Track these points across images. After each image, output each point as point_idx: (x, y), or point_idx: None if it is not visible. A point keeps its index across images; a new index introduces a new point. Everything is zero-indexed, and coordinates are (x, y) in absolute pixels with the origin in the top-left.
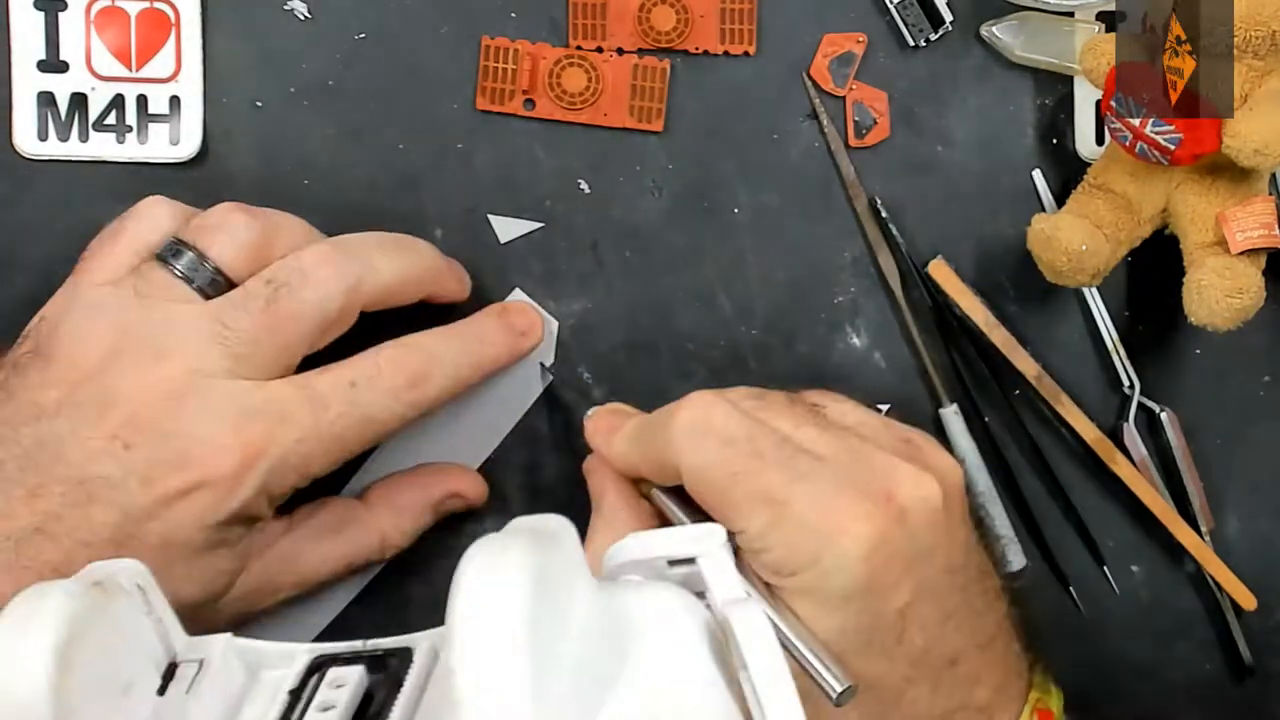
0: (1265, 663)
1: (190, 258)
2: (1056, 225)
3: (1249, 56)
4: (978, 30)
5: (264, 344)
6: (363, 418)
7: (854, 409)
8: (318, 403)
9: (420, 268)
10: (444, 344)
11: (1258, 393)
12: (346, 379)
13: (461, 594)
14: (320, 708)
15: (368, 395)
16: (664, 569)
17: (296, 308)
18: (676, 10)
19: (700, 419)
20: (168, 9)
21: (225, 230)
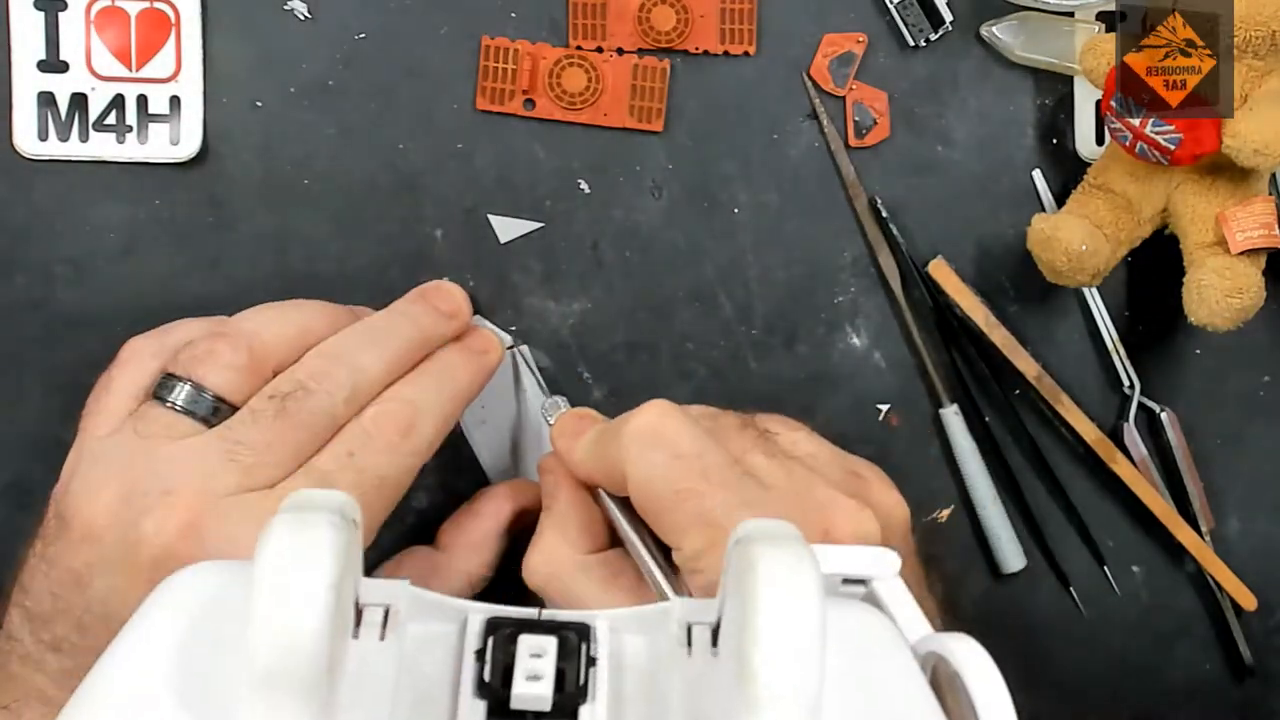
0: (1265, 663)
1: (188, 391)
2: (1056, 225)
3: (1249, 56)
4: (978, 30)
5: (277, 451)
6: (374, 481)
7: (806, 438)
8: (326, 481)
9: (407, 346)
10: (418, 387)
11: (1258, 393)
12: (344, 451)
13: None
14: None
15: (369, 459)
16: (838, 585)
17: (306, 416)
18: (676, 10)
19: (652, 428)
20: (168, 9)
21: (214, 356)
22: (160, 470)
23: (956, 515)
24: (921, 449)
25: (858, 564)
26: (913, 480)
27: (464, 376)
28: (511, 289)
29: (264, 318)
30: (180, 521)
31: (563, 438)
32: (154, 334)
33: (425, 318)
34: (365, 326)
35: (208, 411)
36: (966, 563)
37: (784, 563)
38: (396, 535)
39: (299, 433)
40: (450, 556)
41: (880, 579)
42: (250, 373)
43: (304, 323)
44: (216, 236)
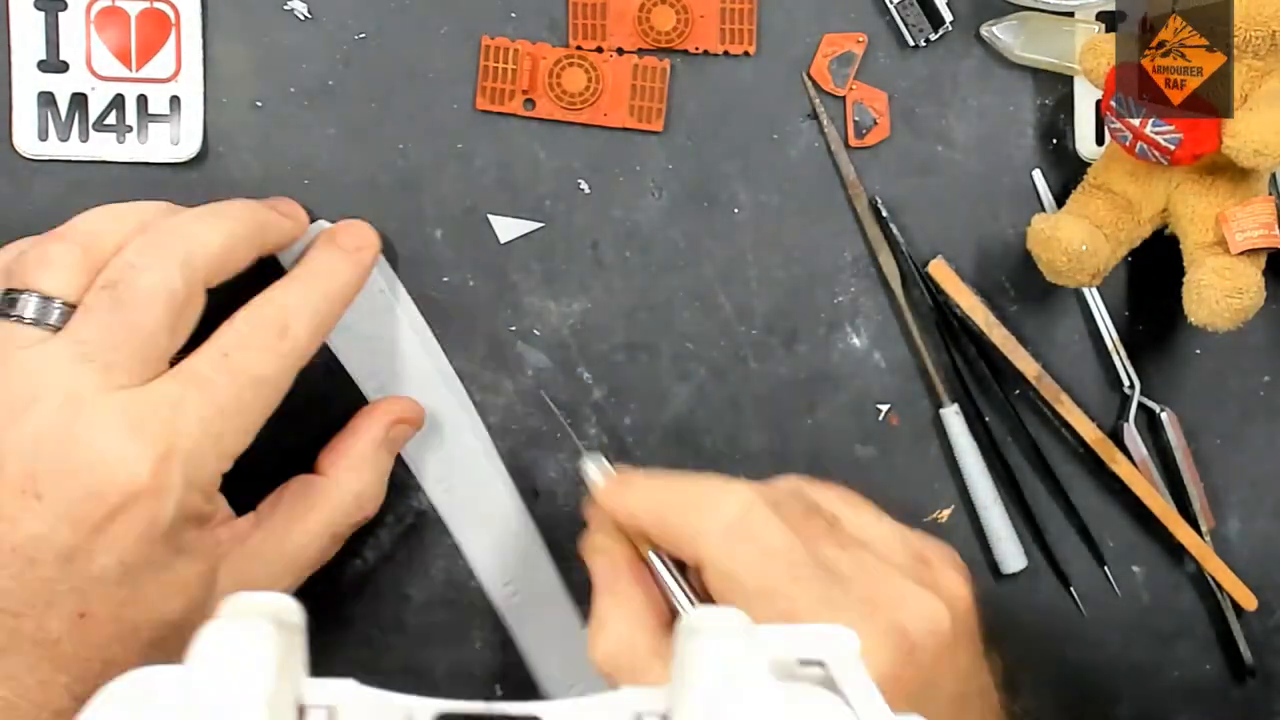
0: (1265, 663)
1: (35, 302)
2: (1056, 225)
3: (1249, 56)
4: (978, 30)
5: (126, 344)
6: (252, 380)
7: (873, 522)
8: (201, 382)
9: (245, 224)
10: (291, 289)
11: (1258, 393)
12: (218, 351)
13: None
14: None
15: (244, 358)
16: (795, 667)
17: (141, 297)
18: (676, 10)
19: (740, 522)
20: (168, 9)
21: (49, 260)
22: (17, 382)
23: (956, 515)
24: (921, 449)
25: (814, 645)
26: (913, 480)
27: (340, 277)
28: (511, 289)
29: (98, 213)
30: (48, 430)
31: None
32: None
33: (262, 211)
34: (200, 209)
35: (57, 319)
36: (966, 563)
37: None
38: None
39: (140, 315)
40: (333, 480)
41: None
42: (89, 270)
43: (141, 216)
44: None
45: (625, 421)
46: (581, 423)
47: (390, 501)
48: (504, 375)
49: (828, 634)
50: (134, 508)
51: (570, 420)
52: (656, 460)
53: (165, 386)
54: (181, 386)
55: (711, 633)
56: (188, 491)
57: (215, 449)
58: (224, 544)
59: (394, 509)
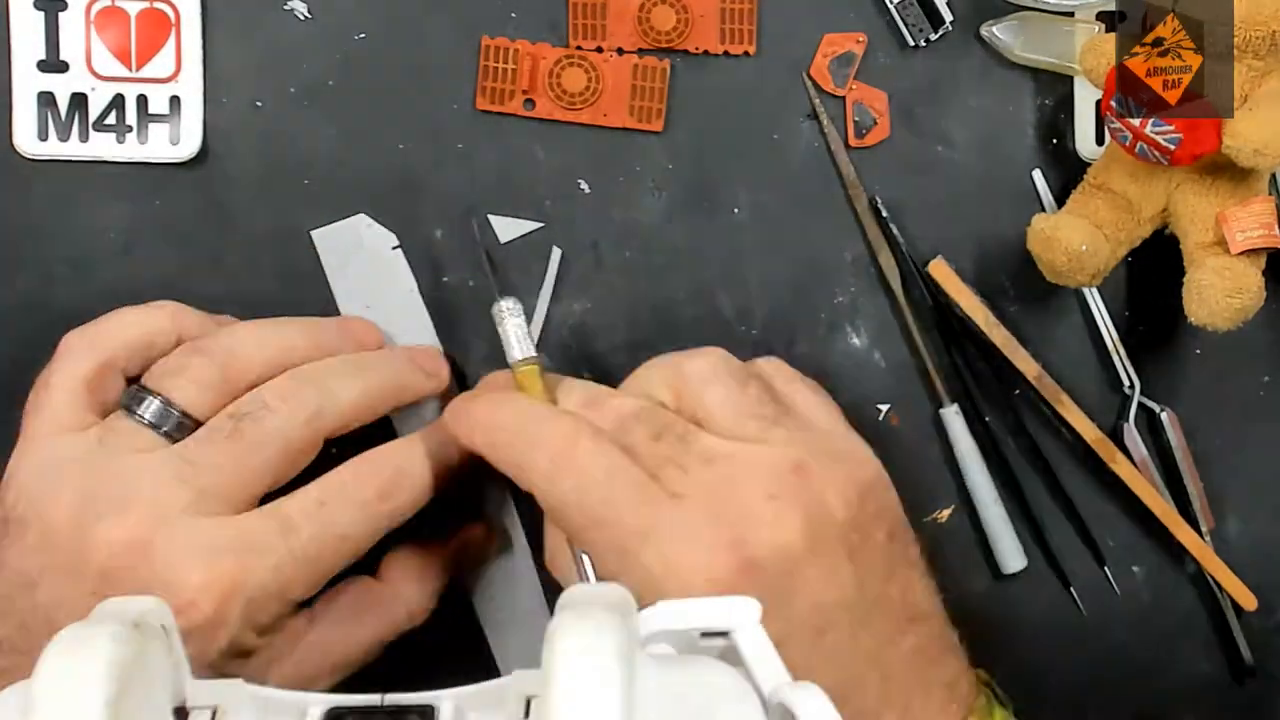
0: (1265, 663)
1: (157, 405)
2: (1056, 225)
3: (1249, 56)
4: (978, 30)
5: (228, 473)
6: (336, 536)
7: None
8: (288, 528)
9: (382, 385)
10: (410, 453)
11: (1258, 393)
12: (315, 499)
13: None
14: None
15: (338, 513)
16: (696, 640)
17: (260, 437)
18: (676, 10)
19: (563, 455)
20: (168, 9)
21: (186, 372)
22: (117, 481)
23: (956, 515)
24: (921, 449)
25: (714, 616)
26: (913, 480)
27: (456, 454)
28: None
29: (243, 334)
30: (129, 536)
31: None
32: (88, 326)
33: (405, 366)
34: (347, 357)
35: (174, 427)
36: (966, 563)
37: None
38: None
39: (253, 455)
40: (393, 588)
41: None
42: (221, 391)
43: (285, 343)
44: (216, 236)
45: None
46: None
47: None
48: None
49: (730, 605)
50: (186, 634)
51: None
52: None
53: (249, 524)
54: (265, 528)
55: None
56: (242, 631)
57: (280, 595)
58: (279, 647)
59: None
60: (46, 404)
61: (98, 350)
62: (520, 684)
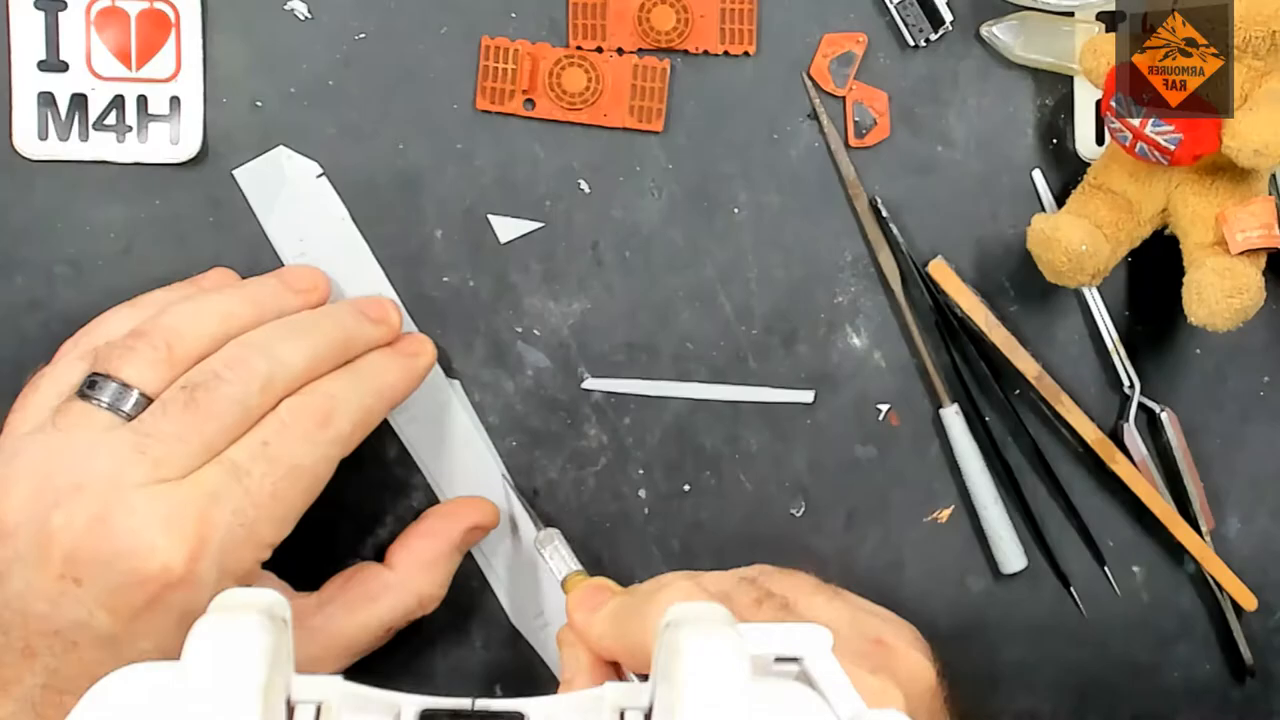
0: (1265, 663)
1: (114, 388)
2: (1056, 225)
3: (1249, 56)
4: (978, 30)
5: (184, 442)
6: (290, 470)
7: (824, 605)
8: (238, 472)
9: (330, 341)
10: (341, 381)
11: (1258, 393)
12: (258, 440)
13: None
14: None
15: (284, 448)
16: (770, 664)
17: (214, 405)
18: (676, 10)
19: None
20: (168, 9)
21: (134, 353)
22: (72, 465)
23: (956, 515)
24: (921, 449)
25: (789, 643)
26: (913, 480)
27: (390, 376)
28: (511, 289)
29: (186, 311)
30: (88, 515)
31: (579, 610)
32: (80, 333)
33: (351, 319)
34: (290, 320)
35: (132, 408)
36: (966, 563)
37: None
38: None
39: (209, 422)
40: (401, 575)
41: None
42: (172, 367)
43: (224, 310)
44: (216, 236)
45: (625, 421)
46: (581, 422)
47: (390, 501)
48: (504, 375)
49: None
50: (169, 597)
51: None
52: (657, 460)
53: (205, 476)
54: (219, 477)
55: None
56: (221, 582)
57: (250, 539)
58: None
59: (394, 509)
60: (29, 405)
61: (87, 359)
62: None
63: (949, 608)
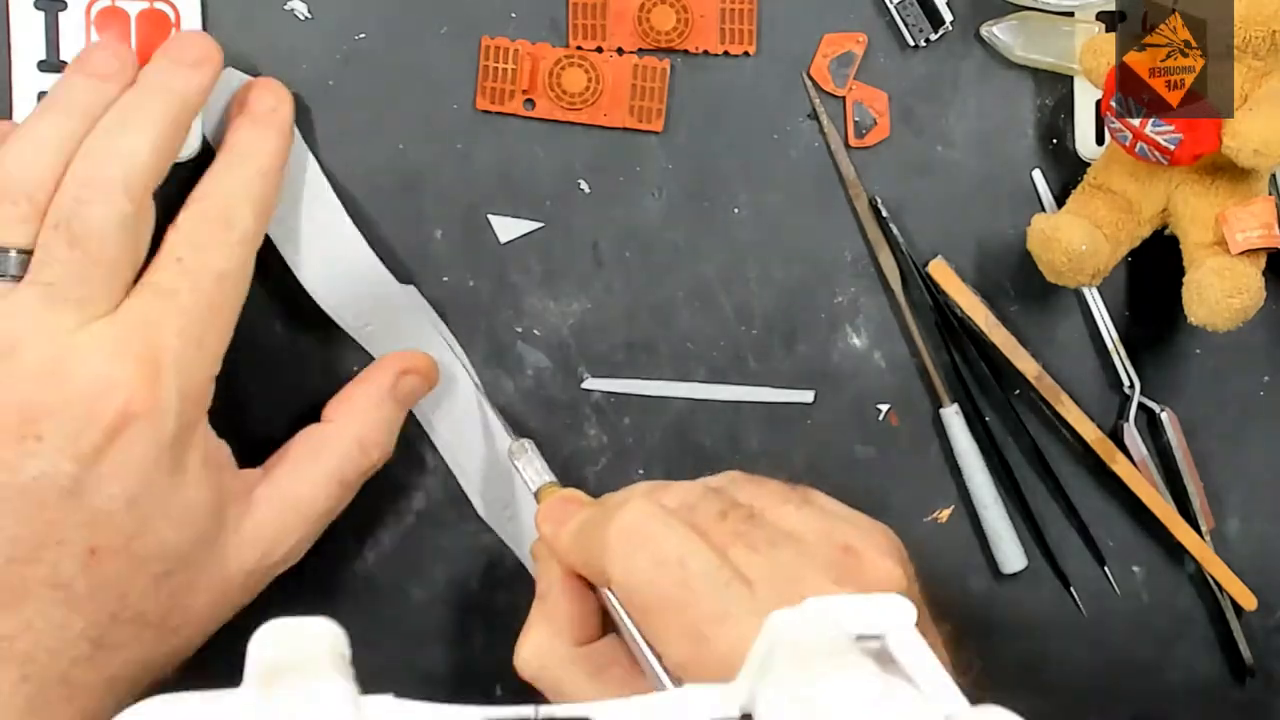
0: (1265, 663)
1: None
2: (1056, 225)
3: (1249, 56)
4: (978, 30)
5: (92, 277)
6: (214, 276)
7: (793, 513)
8: (164, 292)
9: (166, 112)
10: (224, 177)
11: (1258, 393)
12: (172, 258)
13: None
14: None
15: (200, 257)
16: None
17: (94, 229)
18: (676, 10)
19: (635, 530)
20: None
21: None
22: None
23: (956, 515)
24: (921, 449)
25: (872, 618)
26: (913, 480)
27: (266, 148)
28: (511, 289)
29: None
30: (35, 370)
31: (547, 523)
32: None
33: (175, 79)
34: (116, 112)
35: (17, 268)
36: (966, 563)
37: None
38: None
39: (99, 247)
40: (337, 426)
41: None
42: (35, 214)
43: (58, 134)
44: None
45: (625, 421)
46: (581, 422)
47: (390, 501)
48: (504, 375)
49: (883, 604)
50: (133, 427)
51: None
52: (656, 460)
53: (135, 305)
54: (150, 302)
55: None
56: (183, 402)
57: (199, 353)
58: (231, 489)
59: (394, 508)
60: None
61: None
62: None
63: (949, 608)
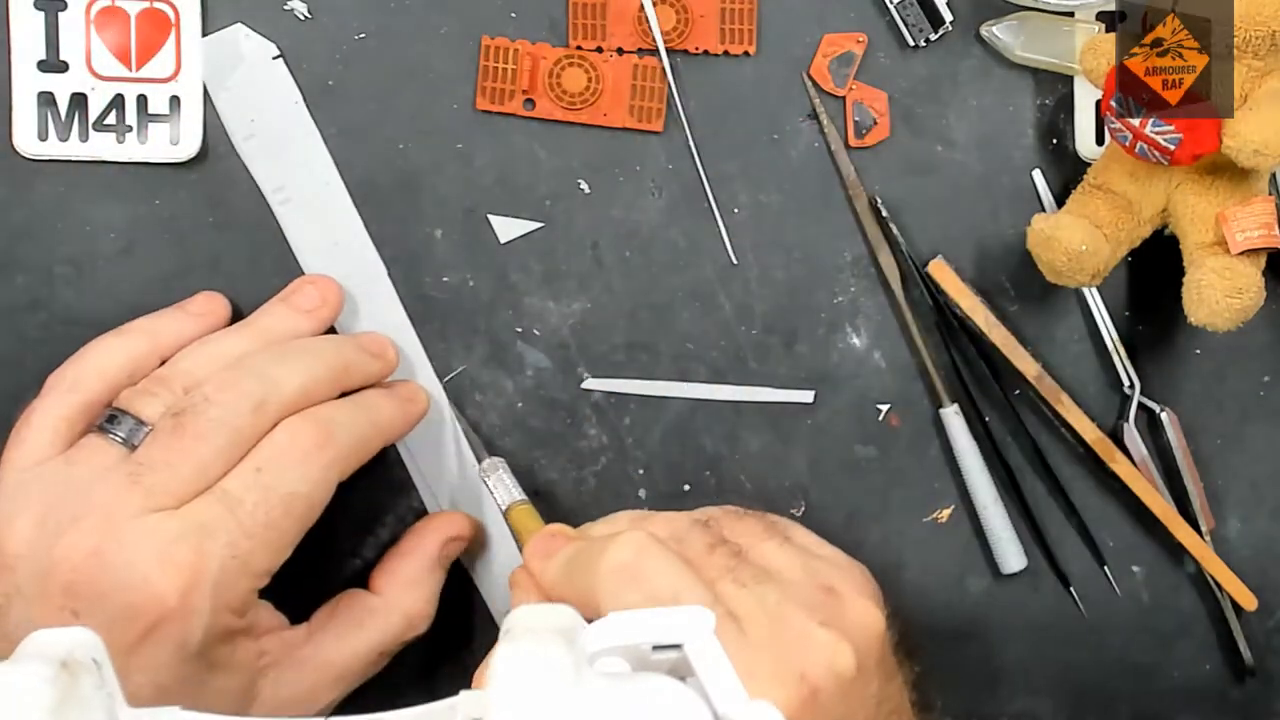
0: (1265, 663)
1: (129, 423)
2: (1056, 225)
3: (1249, 56)
4: (978, 30)
5: (175, 468)
6: (284, 498)
7: (777, 549)
8: (232, 503)
9: (328, 367)
10: (337, 409)
11: (1258, 393)
12: (251, 468)
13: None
14: None
15: (278, 475)
16: (648, 654)
17: (202, 428)
18: (676, 10)
19: (628, 565)
20: (168, 9)
21: (149, 393)
22: (73, 497)
23: (956, 515)
24: (921, 449)
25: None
26: (913, 480)
27: (386, 412)
28: (511, 289)
29: (199, 354)
30: (86, 547)
31: (534, 559)
32: (68, 364)
33: (349, 348)
34: (286, 345)
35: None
36: (966, 563)
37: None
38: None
39: (198, 446)
40: (385, 601)
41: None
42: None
43: (241, 352)
44: (216, 236)
45: (625, 421)
46: (581, 422)
47: (390, 501)
48: (504, 375)
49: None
50: (162, 630)
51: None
52: (657, 461)
53: (195, 509)
54: (212, 508)
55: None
56: (216, 613)
57: (244, 570)
58: (271, 653)
59: (394, 509)
60: (25, 440)
61: (79, 391)
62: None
63: (949, 608)
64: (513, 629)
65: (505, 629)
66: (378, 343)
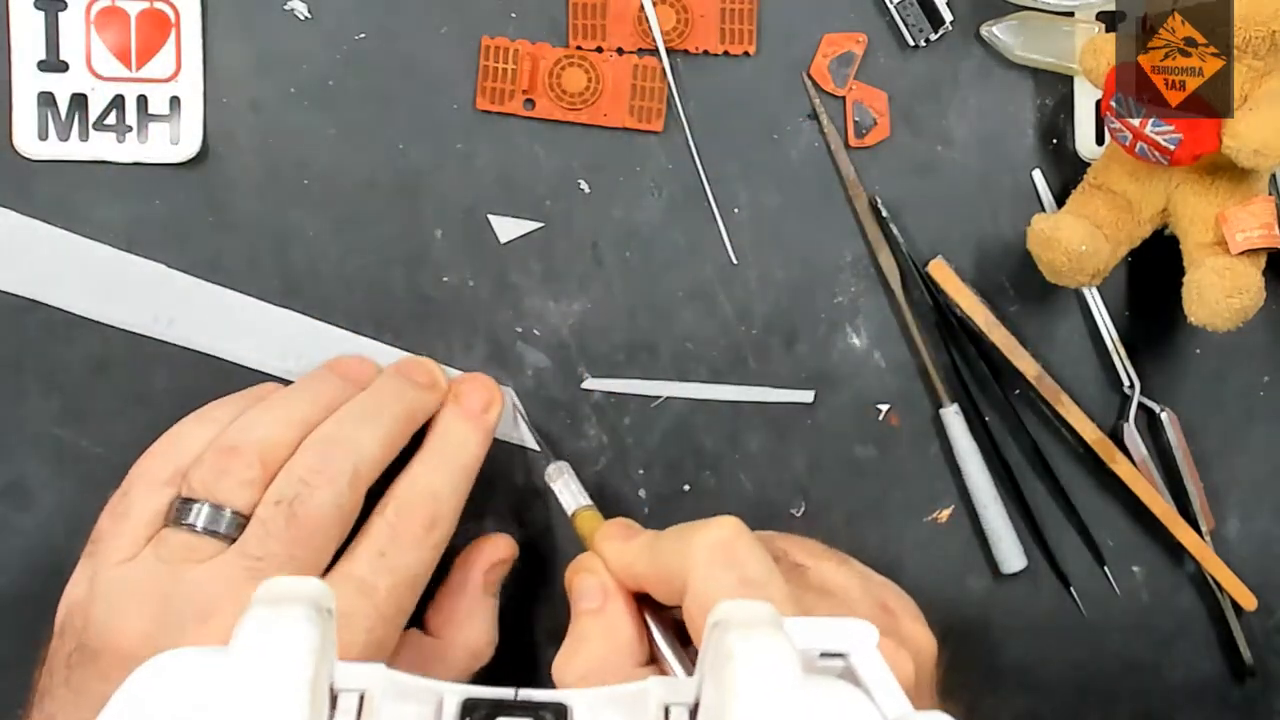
0: (1265, 663)
1: (207, 511)
2: (1056, 225)
3: (1249, 56)
4: (978, 30)
5: (298, 559)
6: (408, 580)
7: (834, 569)
8: (365, 589)
9: (398, 418)
10: (432, 472)
11: (1258, 393)
12: (375, 551)
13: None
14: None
15: (400, 558)
16: (815, 659)
17: (314, 514)
18: (676, 10)
19: (726, 545)
20: (168, 9)
21: (228, 475)
22: (191, 595)
23: (956, 515)
24: (921, 449)
25: (835, 638)
26: (913, 480)
27: (472, 446)
28: (511, 289)
29: (268, 422)
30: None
31: (611, 540)
32: (159, 452)
33: (409, 391)
34: (355, 407)
35: (230, 529)
36: (966, 563)
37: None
38: None
39: (314, 534)
40: (445, 642)
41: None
42: (262, 482)
43: (303, 418)
44: (216, 236)
45: (625, 421)
46: (581, 422)
47: None
48: (504, 375)
49: (847, 627)
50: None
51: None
52: (657, 461)
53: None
54: (349, 596)
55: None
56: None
57: (379, 652)
58: None
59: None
60: (122, 533)
61: (175, 484)
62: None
63: (949, 608)
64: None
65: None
66: (424, 371)
